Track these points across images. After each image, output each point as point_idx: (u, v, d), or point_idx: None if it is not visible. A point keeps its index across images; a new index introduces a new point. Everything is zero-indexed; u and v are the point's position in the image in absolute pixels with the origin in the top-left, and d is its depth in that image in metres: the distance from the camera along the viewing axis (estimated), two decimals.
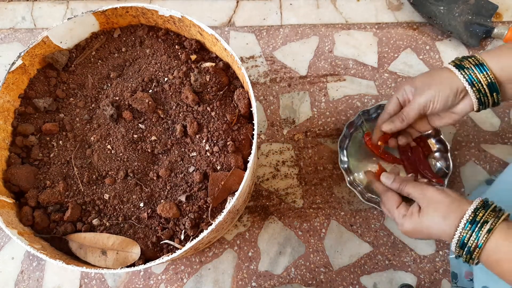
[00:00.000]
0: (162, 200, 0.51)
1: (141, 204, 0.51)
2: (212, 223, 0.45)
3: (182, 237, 0.49)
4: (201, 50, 0.60)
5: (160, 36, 0.60)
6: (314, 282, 0.63)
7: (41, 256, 0.44)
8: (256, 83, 0.75)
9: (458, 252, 0.43)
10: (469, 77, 0.48)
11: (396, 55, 0.76)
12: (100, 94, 0.57)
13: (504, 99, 0.50)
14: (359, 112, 0.66)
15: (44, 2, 0.83)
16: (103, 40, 0.60)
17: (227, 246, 0.65)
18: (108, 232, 0.50)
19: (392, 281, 0.63)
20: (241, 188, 0.46)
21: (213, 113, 0.53)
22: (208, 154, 0.52)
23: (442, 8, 0.78)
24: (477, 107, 0.50)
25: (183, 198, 0.50)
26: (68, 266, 0.44)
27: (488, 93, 0.48)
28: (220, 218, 0.45)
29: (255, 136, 0.48)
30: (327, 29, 0.79)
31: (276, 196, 0.67)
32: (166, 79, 0.56)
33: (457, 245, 0.43)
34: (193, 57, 0.58)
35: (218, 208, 0.50)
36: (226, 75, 0.56)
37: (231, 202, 0.46)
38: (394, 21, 0.80)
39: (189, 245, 0.44)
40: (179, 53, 0.58)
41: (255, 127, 0.49)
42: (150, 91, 0.56)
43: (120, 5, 0.56)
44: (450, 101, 0.50)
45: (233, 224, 0.65)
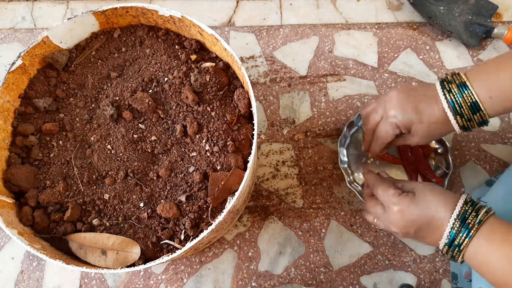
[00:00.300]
0: (162, 200, 0.51)
1: (141, 204, 0.51)
2: (212, 223, 0.45)
3: (182, 237, 0.49)
4: (201, 50, 0.60)
5: (160, 36, 0.60)
6: (314, 282, 0.63)
7: (41, 256, 0.44)
8: (256, 83, 0.75)
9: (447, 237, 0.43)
10: (451, 101, 0.47)
11: (396, 55, 0.76)
12: (100, 94, 0.57)
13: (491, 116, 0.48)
14: (359, 112, 0.66)
15: (44, 2, 0.83)
16: (103, 40, 0.60)
17: (227, 246, 0.65)
18: (108, 232, 0.50)
19: (392, 281, 0.63)
20: (241, 188, 0.46)
21: (213, 113, 0.53)
22: (208, 154, 0.52)
23: (442, 8, 0.78)
24: (459, 131, 0.49)
25: (183, 198, 0.50)
26: (68, 266, 0.44)
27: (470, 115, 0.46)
28: (220, 218, 0.45)
29: (255, 136, 0.48)
30: (327, 29, 0.79)
31: (276, 196, 0.67)
32: (166, 79, 0.56)
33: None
34: (193, 57, 0.58)
35: (218, 208, 0.50)
36: (226, 75, 0.56)
37: (231, 202, 0.46)
38: (394, 21, 0.80)
39: (189, 245, 0.44)
40: (179, 53, 0.58)
41: (255, 127, 0.49)
42: (150, 91, 0.56)
43: (120, 5, 0.56)
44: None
45: (233, 224, 0.65)
